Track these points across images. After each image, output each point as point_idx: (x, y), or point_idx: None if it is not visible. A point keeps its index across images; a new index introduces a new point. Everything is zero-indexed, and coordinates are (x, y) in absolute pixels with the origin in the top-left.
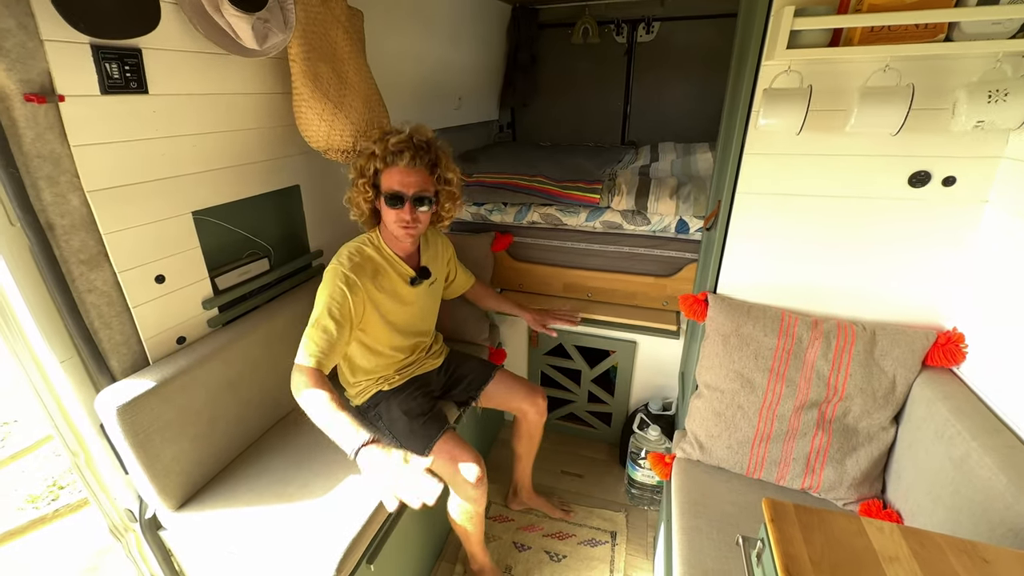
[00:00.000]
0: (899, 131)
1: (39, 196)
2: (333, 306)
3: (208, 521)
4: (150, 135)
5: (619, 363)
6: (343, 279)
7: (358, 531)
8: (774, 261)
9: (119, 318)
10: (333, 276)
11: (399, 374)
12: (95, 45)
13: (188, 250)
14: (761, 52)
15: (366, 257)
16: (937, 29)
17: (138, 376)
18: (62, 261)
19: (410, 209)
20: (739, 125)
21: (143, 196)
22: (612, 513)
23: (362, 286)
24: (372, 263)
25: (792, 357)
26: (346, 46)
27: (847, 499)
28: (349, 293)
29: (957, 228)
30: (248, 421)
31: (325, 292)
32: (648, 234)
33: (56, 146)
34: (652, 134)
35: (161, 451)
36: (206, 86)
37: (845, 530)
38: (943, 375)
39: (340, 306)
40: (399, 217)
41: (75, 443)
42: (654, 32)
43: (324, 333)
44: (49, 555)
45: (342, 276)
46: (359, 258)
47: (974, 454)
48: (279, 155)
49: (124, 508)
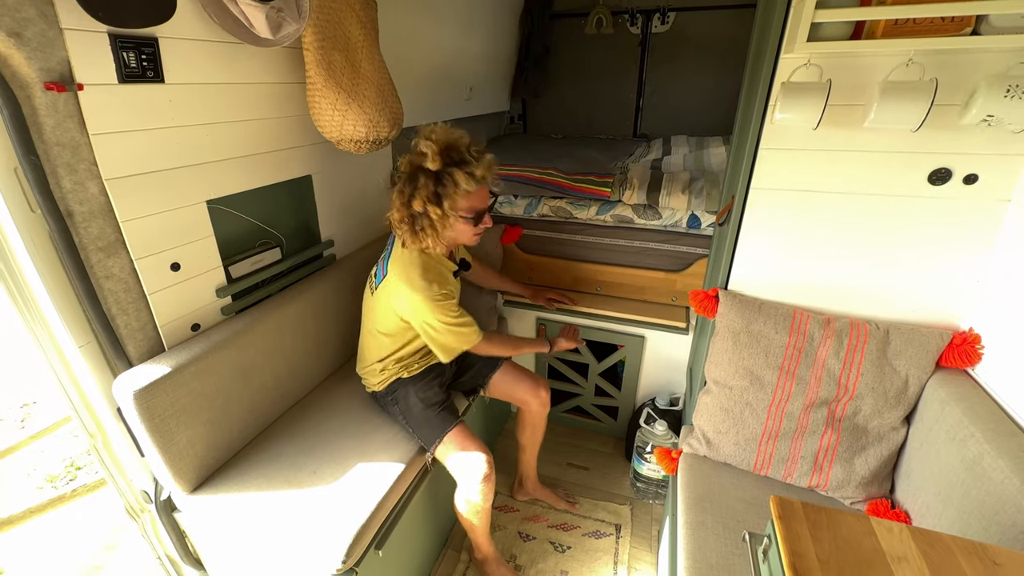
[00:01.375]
0: (920, 127)
1: (59, 184)
2: (446, 306)
3: (221, 504)
4: (166, 124)
5: (627, 357)
6: (436, 286)
7: (367, 518)
8: (787, 258)
9: (136, 304)
10: (429, 299)
11: (419, 362)
12: (113, 34)
13: (202, 238)
14: (780, 45)
15: (429, 269)
16: (964, 22)
17: (154, 362)
18: (81, 248)
19: (489, 218)
20: (755, 119)
21: (159, 184)
22: (617, 506)
23: (441, 287)
24: (436, 271)
25: (803, 355)
26: (360, 35)
27: (854, 498)
28: (439, 288)
29: (977, 227)
30: (260, 407)
31: (434, 310)
32: (659, 228)
33: (75, 134)
34: (665, 127)
35: (176, 435)
36: (221, 75)
37: (854, 529)
38: (957, 376)
39: (446, 298)
40: (479, 229)
41: (93, 425)
42: (669, 22)
43: (460, 316)
44: (68, 533)
45: (440, 294)
46: (431, 274)
47: (987, 456)
48: (292, 145)
49: (140, 490)
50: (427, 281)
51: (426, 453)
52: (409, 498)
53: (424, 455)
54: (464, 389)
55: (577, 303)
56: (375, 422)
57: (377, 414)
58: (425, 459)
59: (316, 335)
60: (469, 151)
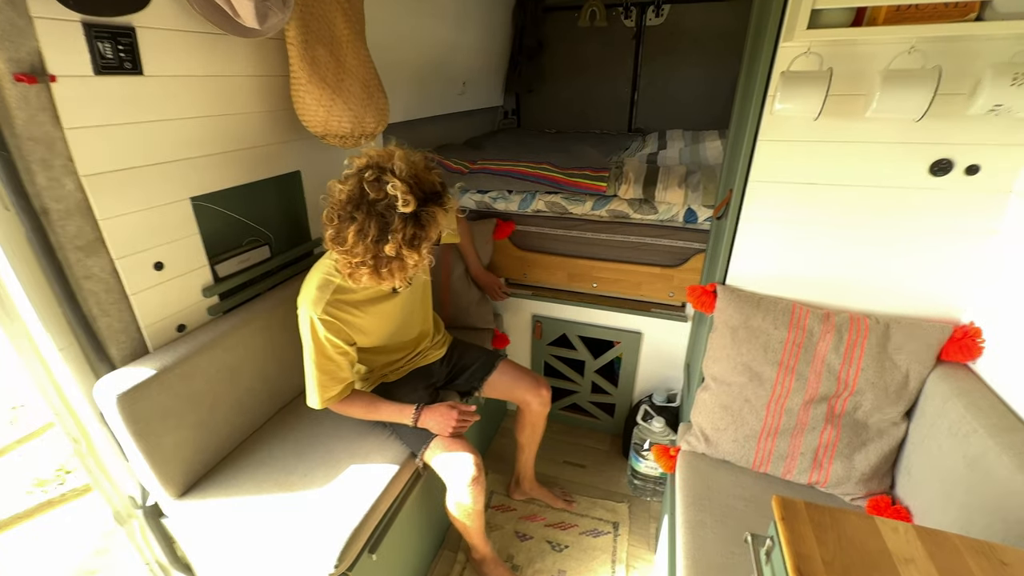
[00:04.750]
0: (922, 117)
1: (33, 180)
2: (324, 349)
3: (210, 509)
4: (146, 118)
5: (624, 354)
6: (322, 326)
7: (360, 521)
8: (786, 252)
9: (117, 305)
10: (309, 324)
11: (405, 365)
12: (87, 23)
13: (187, 236)
14: (779, 33)
15: (336, 289)
16: (968, 8)
17: (138, 364)
18: (58, 247)
19: (432, 248)
20: (753, 110)
21: (140, 181)
22: (615, 504)
23: (341, 324)
24: (344, 293)
25: (802, 350)
26: (345, 29)
27: (855, 494)
28: (332, 335)
29: (979, 219)
30: (250, 409)
31: (308, 338)
32: (655, 223)
33: (49, 128)
34: (660, 121)
35: (162, 439)
36: (203, 67)
37: (859, 530)
38: (959, 370)
39: (332, 345)
40: (425, 257)
41: (76, 430)
42: (664, 15)
43: (329, 367)
44: (59, 537)
45: (320, 324)
46: (330, 293)
47: (991, 452)
48: (279, 140)
49: (127, 495)
50: (318, 298)
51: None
52: (403, 500)
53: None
54: (459, 391)
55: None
56: (367, 424)
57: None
58: (416, 463)
59: None
60: (438, 180)
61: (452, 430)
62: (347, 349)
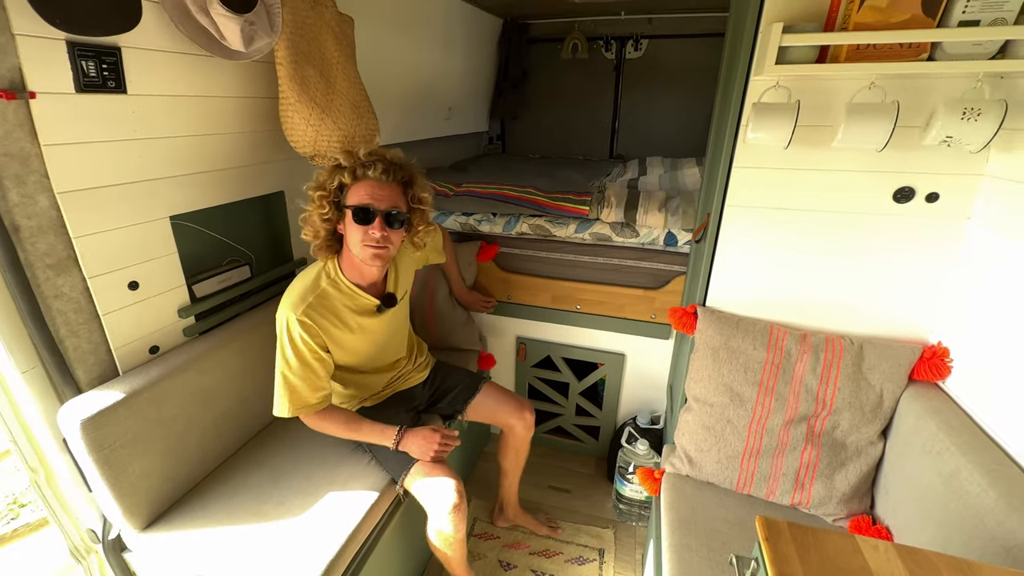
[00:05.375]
0: (884, 147)
1: (4, 196)
2: (301, 353)
3: (177, 542)
4: (128, 136)
5: (607, 376)
6: (298, 327)
7: (336, 552)
8: (763, 274)
9: (87, 326)
10: (285, 325)
11: (384, 388)
12: (71, 42)
13: (165, 256)
14: (750, 67)
15: (321, 294)
16: (920, 48)
17: (106, 387)
18: (27, 265)
19: (380, 225)
20: (728, 138)
21: (118, 199)
22: (600, 530)
23: (320, 329)
24: (328, 300)
25: (781, 371)
26: (336, 52)
27: (836, 515)
28: (308, 337)
29: (940, 244)
30: (224, 435)
31: (284, 340)
32: (637, 246)
33: (25, 144)
34: (640, 149)
35: (128, 467)
36: (188, 88)
37: (841, 549)
38: (930, 389)
39: (309, 349)
40: (367, 236)
41: (34, 459)
42: (642, 49)
43: (305, 374)
44: None
45: (297, 324)
46: (312, 297)
47: (963, 470)
48: (263, 160)
49: (86, 528)
50: (299, 301)
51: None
52: (383, 529)
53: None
54: (442, 414)
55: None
56: (347, 448)
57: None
58: (396, 490)
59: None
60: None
61: (434, 454)
62: (323, 356)
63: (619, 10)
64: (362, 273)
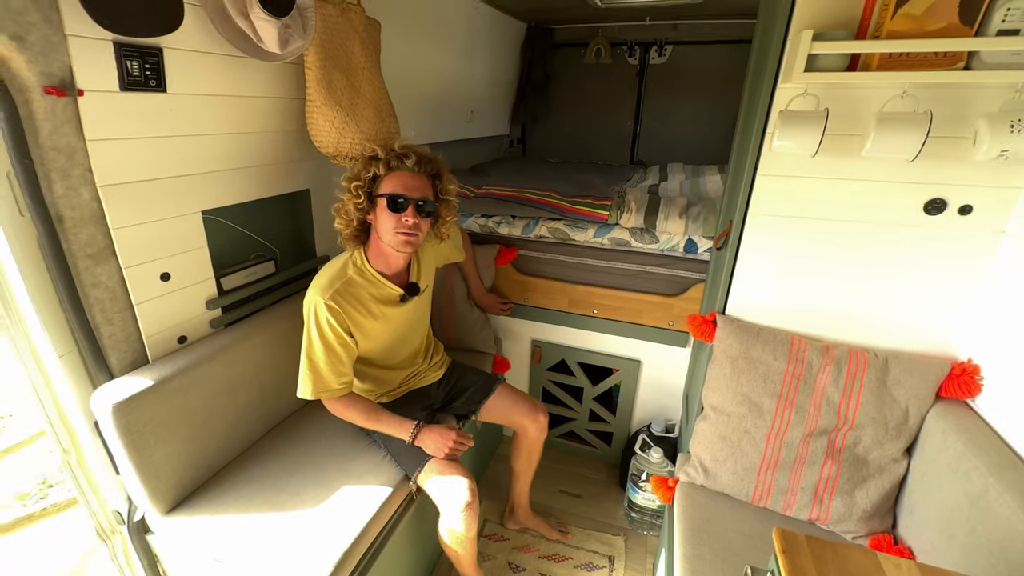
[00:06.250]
0: (916, 158)
1: (51, 188)
2: (326, 336)
3: (197, 527)
4: (166, 133)
5: (622, 382)
6: (326, 311)
7: (349, 545)
8: (785, 284)
9: (122, 314)
10: (313, 310)
11: (399, 387)
12: (118, 42)
13: (195, 249)
14: (778, 74)
15: (348, 281)
16: (956, 57)
17: (136, 374)
18: (69, 254)
19: (413, 213)
20: (753, 146)
21: (155, 193)
22: (611, 537)
23: (345, 315)
24: (354, 287)
25: (802, 383)
26: (361, 56)
27: (856, 532)
28: (335, 322)
29: (973, 257)
30: (245, 425)
31: (311, 324)
32: (656, 252)
33: (72, 139)
34: (661, 155)
35: (154, 452)
36: (223, 87)
37: (860, 566)
38: (958, 407)
39: (335, 334)
40: (400, 223)
41: (67, 440)
42: (667, 55)
43: (330, 359)
44: (35, 554)
45: (324, 308)
46: (340, 284)
47: (992, 491)
48: (291, 159)
49: (112, 510)
50: (328, 285)
51: (410, 481)
52: (395, 525)
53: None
54: (456, 414)
55: (509, 309)
56: (363, 443)
57: (365, 435)
58: (409, 487)
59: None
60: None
61: (448, 451)
62: (348, 341)
63: (644, 15)
64: (388, 262)
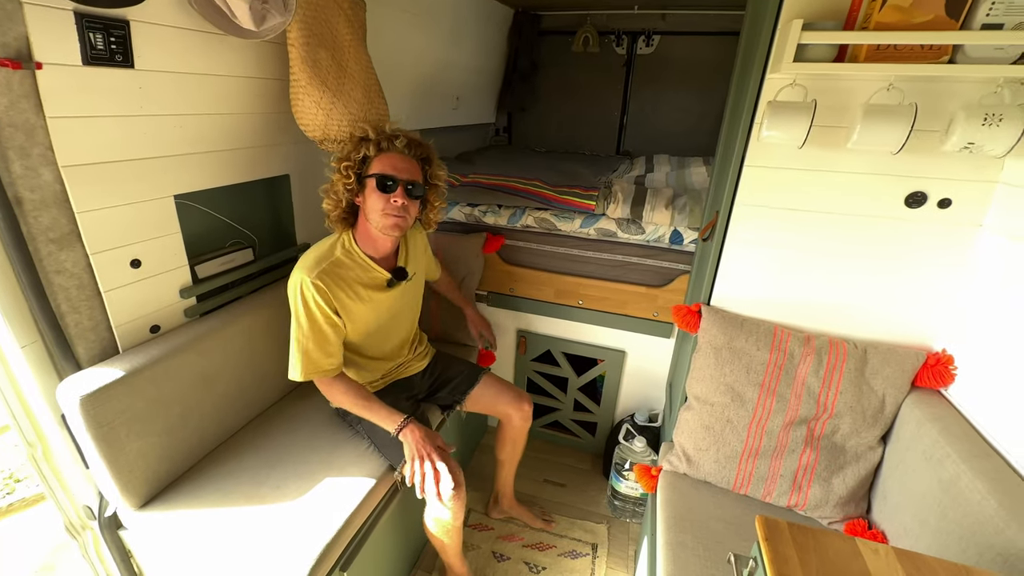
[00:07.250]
0: (900, 150)
1: (8, 168)
2: (314, 316)
3: (172, 521)
4: (134, 112)
5: (607, 372)
6: (312, 289)
7: (332, 537)
8: (769, 275)
9: (89, 303)
10: (299, 289)
11: (383, 378)
12: (79, 12)
13: (168, 235)
14: (766, 64)
15: (335, 262)
16: (942, 51)
17: (106, 364)
18: (29, 239)
19: (402, 194)
20: (740, 136)
21: (123, 175)
22: (594, 524)
23: (331, 294)
24: (341, 268)
25: (784, 373)
26: (347, 34)
27: (832, 518)
28: (322, 302)
29: (950, 250)
30: (222, 417)
31: (298, 304)
32: (642, 243)
33: (30, 116)
34: (647, 146)
35: (126, 445)
36: (197, 65)
37: (840, 552)
38: (932, 396)
39: (322, 314)
40: (389, 204)
41: (32, 434)
42: (654, 45)
43: (319, 339)
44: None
45: (311, 286)
46: (326, 264)
47: (964, 477)
48: (270, 143)
49: (83, 505)
50: (314, 264)
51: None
52: (379, 516)
53: (394, 472)
54: (441, 404)
55: (494, 348)
56: (345, 434)
57: (347, 426)
58: (394, 477)
59: (286, 341)
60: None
61: (421, 459)
62: (336, 320)
63: (633, 4)
64: (376, 246)
